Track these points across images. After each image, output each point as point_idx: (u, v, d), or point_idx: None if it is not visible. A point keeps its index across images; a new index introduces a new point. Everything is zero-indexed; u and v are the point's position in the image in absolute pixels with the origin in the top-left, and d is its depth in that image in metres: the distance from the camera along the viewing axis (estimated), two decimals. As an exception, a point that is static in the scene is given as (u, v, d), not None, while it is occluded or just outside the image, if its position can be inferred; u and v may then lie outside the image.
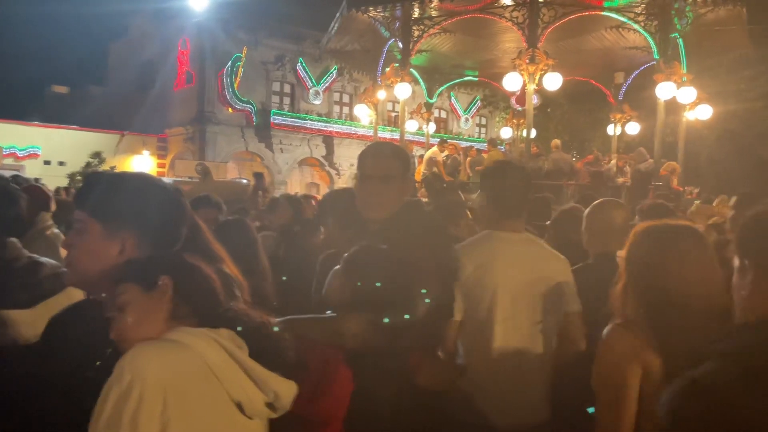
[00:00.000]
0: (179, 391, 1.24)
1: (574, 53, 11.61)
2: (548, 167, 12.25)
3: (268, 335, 1.44)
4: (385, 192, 2.22)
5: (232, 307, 1.44)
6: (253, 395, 1.34)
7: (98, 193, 1.54)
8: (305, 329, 1.84)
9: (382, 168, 2.24)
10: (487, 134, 31.14)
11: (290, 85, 27.76)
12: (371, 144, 2.52)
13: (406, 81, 10.55)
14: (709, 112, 11.74)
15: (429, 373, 1.99)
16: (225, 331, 1.36)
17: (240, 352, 1.35)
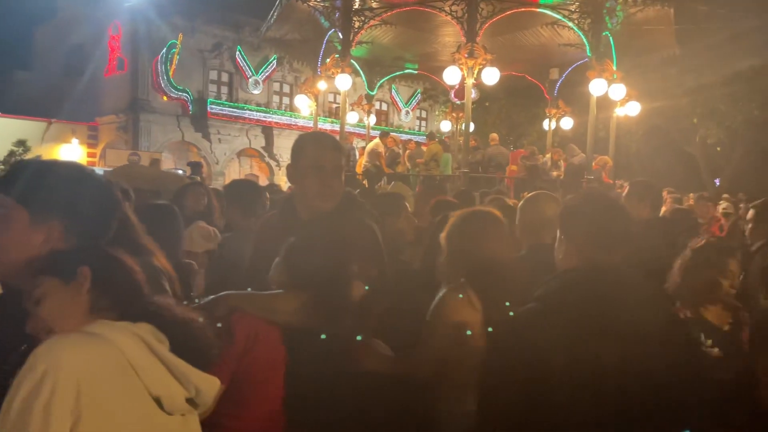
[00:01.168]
0: (94, 384, 1.20)
1: (511, 49, 11.83)
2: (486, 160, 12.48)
3: (192, 330, 1.40)
4: (337, 183, 2.32)
5: (155, 301, 1.40)
6: (174, 390, 1.31)
7: (26, 179, 1.47)
8: (243, 302, 1.85)
9: (335, 159, 2.32)
10: (427, 127, 31.38)
11: (228, 74, 27.16)
12: (314, 135, 2.56)
13: (346, 72, 10.49)
14: (638, 109, 12.21)
15: (367, 357, 2.03)
16: (146, 325, 1.33)
17: (160, 346, 1.31)
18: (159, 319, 1.36)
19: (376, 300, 2.13)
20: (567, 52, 11.79)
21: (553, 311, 1.74)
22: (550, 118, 14.15)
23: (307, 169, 2.31)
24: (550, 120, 14.19)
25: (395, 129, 29.92)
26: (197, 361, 1.36)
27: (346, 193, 2.39)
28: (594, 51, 9.94)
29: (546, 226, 2.89)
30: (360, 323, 1.98)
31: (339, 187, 2.33)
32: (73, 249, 1.42)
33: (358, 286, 2.00)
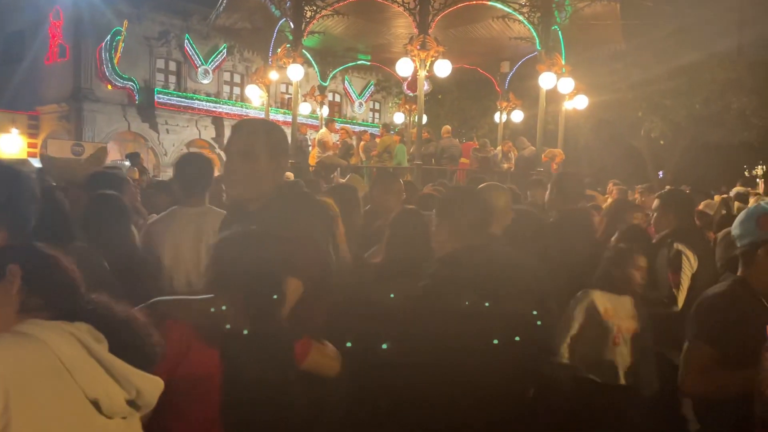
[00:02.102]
0: (24, 387, 1.14)
1: (463, 41, 11.91)
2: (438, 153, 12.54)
3: (133, 329, 1.35)
4: (244, 169, 2.12)
5: (93, 299, 1.33)
6: (112, 392, 1.25)
7: None
8: (174, 309, 1.79)
9: (242, 143, 2.15)
10: (380, 119, 31.39)
11: (176, 63, 26.47)
12: (241, 120, 2.44)
13: (298, 62, 10.37)
14: (586, 103, 12.49)
15: (314, 359, 1.97)
16: (83, 324, 1.26)
17: (98, 346, 1.25)
18: (97, 318, 1.29)
19: (320, 297, 2.08)
20: (517, 45, 11.94)
21: (431, 287, 2.27)
22: (501, 111, 14.32)
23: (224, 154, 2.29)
24: (501, 113, 14.36)
25: (348, 120, 29.83)
26: (139, 361, 1.31)
27: (290, 183, 2.30)
28: (543, 45, 10.10)
29: (496, 217, 2.92)
30: (298, 323, 1.92)
31: (250, 173, 2.13)
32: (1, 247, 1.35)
33: (294, 285, 1.92)
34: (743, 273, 2.28)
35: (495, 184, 3.21)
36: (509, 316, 2.29)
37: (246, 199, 2.20)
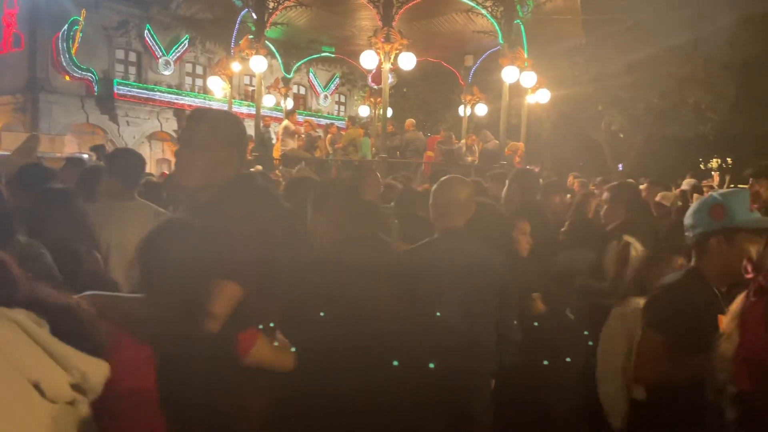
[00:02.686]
0: None
1: (427, 35, 11.93)
2: (403, 146, 12.57)
3: (75, 315, 1.32)
4: (194, 158, 2.07)
5: (32, 287, 1.30)
6: (54, 375, 1.22)
7: None
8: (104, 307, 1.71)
9: (193, 132, 2.10)
10: (346, 112, 31.25)
11: (137, 54, 25.86)
12: (194, 108, 2.36)
13: (261, 54, 10.24)
14: (548, 96, 12.65)
15: (259, 353, 1.93)
16: (21, 310, 1.23)
17: (38, 329, 1.22)
18: (37, 304, 1.26)
19: (271, 294, 2.04)
20: (481, 39, 12.02)
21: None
22: (465, 105, 14.40)
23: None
24: (465, 106, 14.44)
25: (314, 113, 29.60)
26: (83, 346, 1.28)
27: (244, 176, 2.17)
28: (506, 39, 10.19)
29: (459, 210, 2.95)
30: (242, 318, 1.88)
31: (196, 162, 2.07)
32: None
33: (230, 287, 1.84)
34: (696, 263, 2.34)
35: (457, 176, 3.23)
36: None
37: (196, 190, 2.13)
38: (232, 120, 2.22)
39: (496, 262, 2.93)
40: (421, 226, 3.15)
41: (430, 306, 2.72)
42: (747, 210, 2.25)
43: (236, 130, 2.18)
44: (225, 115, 2.27)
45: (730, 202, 2.25)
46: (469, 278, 2.79)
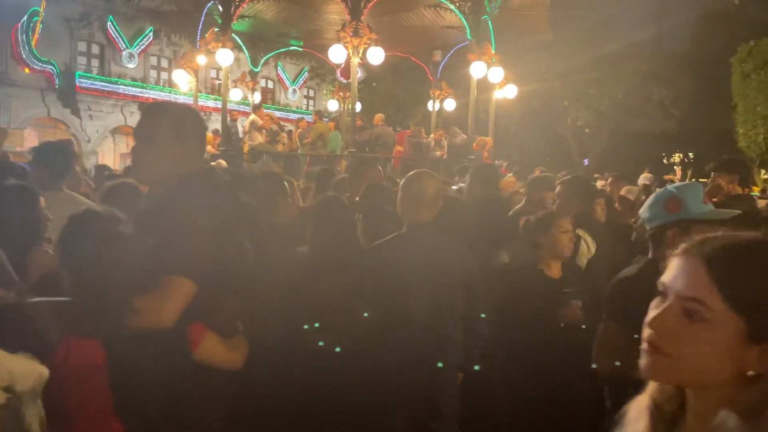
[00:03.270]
0: None
1: (396, 29, 11.92)
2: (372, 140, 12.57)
3: (22, 316, 1.28)
4: (149, 153, 2.03)
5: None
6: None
7: None
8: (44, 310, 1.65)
9: (147, 127, 2.05)
10: (315, 106, 31.05)
11: (99, 46, 25.26)
12: (150, 102, 2.31)
13: (227, 47, 10.11)
14: (515, 92, 12.77)
15: (207, 349, 1.89)
16: None
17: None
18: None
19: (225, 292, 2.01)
20: (449, 34, 12.07)
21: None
22: (434, 100, 14.45)
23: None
24: (434, 101, 14.49)
25: (282, 107, 29.38)
26: (31, 347, 1.24)
27: (202, 170, 2.13)
28: (474, 34, 10.24)
29: (426, 204, 2.95)
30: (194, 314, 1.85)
31: (151, 158, 2.02)
32: None
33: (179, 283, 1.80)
34: (653, 255, 2.39)
35: (426, 171, 3.24)
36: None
37: (153, 185, 2.10)
38: (188, 113, 2.17)
39: (464, 256, 2.94)
40: (387, 220, 3.15)
41: (397, 300, 2.73)
42: (701, 202, 2.30)
43: (193, 124, 2.14)
44: (181, 108, 2.21)
45: (685, 195, 2.31)
46: (437, 272, 2.80)
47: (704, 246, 0.93)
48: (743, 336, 0.87)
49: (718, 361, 0.89)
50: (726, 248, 0.91)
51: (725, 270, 0.89)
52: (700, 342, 0.89)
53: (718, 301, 0.88)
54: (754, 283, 0.87)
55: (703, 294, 0.89)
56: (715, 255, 0.91)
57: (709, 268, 0.90)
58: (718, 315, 0.88)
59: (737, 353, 0.87)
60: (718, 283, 0.88)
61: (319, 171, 5.38)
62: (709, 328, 0.89)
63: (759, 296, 0.87)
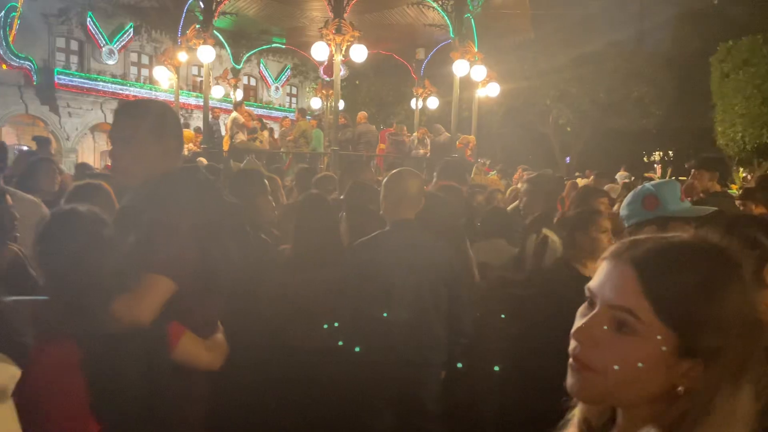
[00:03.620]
0: None
1: (379, 27, 11.91)
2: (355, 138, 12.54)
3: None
4: (127, 155, 2.00)
5: None
6: None
7: None
8: (18, 309, 1.64)
9: (123, 128, 2.02)
10: (297, 104, 30.92)
11: (78, 42, 24.90)
12: (124, 102, 2.26)
13: (209, 44, 10.02)
14: (498, 90, 12.81)
15: (185, 348, 1.87)
16: None
17: None
18: None
19: (205, 291, 1.99)
20: (432, 32, 12.07)
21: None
22: (417, 98, 14.47)
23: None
24: (417, 99, 14.50)
25: (265, 105, 29.22)
26: (4, 347, 1.22)
27: (182, 169, 2.10)
28: (457, 32, 10.26)
29: (409, 202, 2.95)
30: (173, 313, 1.83)
31: (130, 159, 2.00)
32: None
33: (158, 281, 1.79)
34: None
35: (408, 169, 3.24)
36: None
37: (134, 185, 2.06)
38: (164, 111, 2.13)
39: (447, 253, 2.95)
40: (370, 218, 3.14)
41: (381, 298, 2.72)
42: (678, 200, 2.33)
43: (170, 121, 2.11)
44: (156, 106, 2.16)
45: (662, 193, 2.33)
46: (421, 269, 2.80)
47: (634, 250, 0.84)
48: (675, 350, 0.80)
49: (648, 378, 0.81)
50: (658, 253, 0.83)
51: (656, 278, 0.81)
52: (630, 356, 0.81)
53: (648, 312, 0.80)
54: (687, 294, 0.79)
55: (632, 303, 0.81)
56: (645, 260, 0.82)
57: (639, 274, 0.82)
58: (649, 328, 0.80)
59: (668, 369, 0.80)
60: (650, 293, 0.81)
61: (299, 170, 5.35)
62: (639, 342, 0.81)
63: (692, 307, 0.79)
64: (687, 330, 0.79)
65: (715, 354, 0.78)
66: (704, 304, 0.79)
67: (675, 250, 0.83)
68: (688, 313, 0.79)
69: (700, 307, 0.79)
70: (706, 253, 0.83)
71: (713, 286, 0.79)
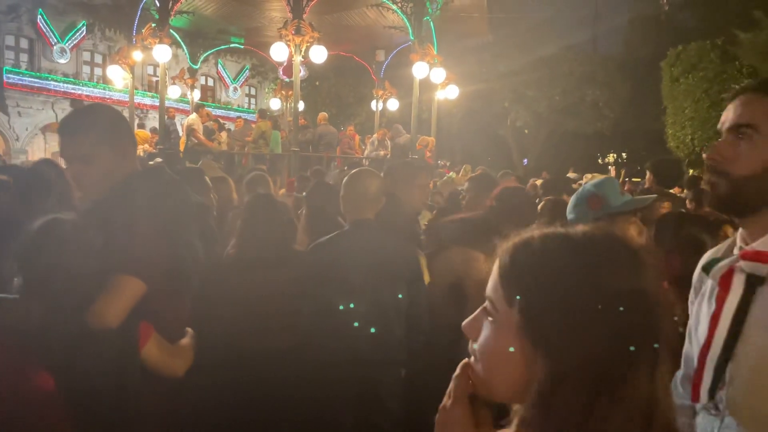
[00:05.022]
0: None
1: (338, 28, 11.92)
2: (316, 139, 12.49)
3: None
4: (88, 173, 1.96)
5: None
6: None
7: None
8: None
9: (76, 147, 1.97)
10: (257, 104, 30.62)
11: (28, 40, 24.12)
12: (67, 116, 2.13)
13: (165, 43, 9.85)
14: (457, 92, 12.96)
15: (151, 351, 1.86)
16: None
17: None
18: None
19: (175, 292, 2.00)
20: (392, 34, 12.14)
21: None
22: (377, 99, 14.51)
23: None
24: (377, 101, 14.55)
25: (223, 105, 28.83)
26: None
27: (145, 172, 2.11)
28: (416, 35, 10.34)
29: (368, 202, 2.96)
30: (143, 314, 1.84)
31: (93, 176, 1.97)
32: None
33: (129, 282, 1.80)
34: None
35: (368, 169, 3.24)
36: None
37: (98, 196, 2.03)
38: (110, 117, 2.07)
39: (406, 252, 2.96)
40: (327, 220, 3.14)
41: (340, 297, 2.72)
42: (619, 194, 2.40)
43: (119, 126, 2.06)
44: (101, 114, 2.08)
45: (603, 191, 2.40)
46: (380, 268, 2.81)
47: (503, 247, 0.86)
48: (524, 342, 0.79)
49: (508, 367, 0.81)
50: (518, 245, 0.84)
51: (507, 267, 0.83)
52: (492, 345, 0.83)
53: (502, 301, 0.82)
54: (529, 278, 0.80)
55: (492, 292, 0.84)
56: (503, 254, 0.85)
57: (500, 265, 0.85)
58: (504, 315, 0.81)
59: (526, 359, 0.78)
60: (502, 281, 0.83)
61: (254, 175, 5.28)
62: (498, 330, 0.82)
63: (535, 295, 0.78)
64: (530, 315, 0.78)
65: (561, 343, 0.76)
66: (549, 294, 0.77)
67: (526, 241, 0.84)
68: (530, 300, 0.78)
69: (545, 296, 0.77)
70: (572, 244, 0.81)
71: (565, 277, 0.78)
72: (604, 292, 0.76)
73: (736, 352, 1.20)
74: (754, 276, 1.21)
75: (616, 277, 0.77)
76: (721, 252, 1.37)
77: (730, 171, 1.26)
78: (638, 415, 0.75)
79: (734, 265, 1.25)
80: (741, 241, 1.31)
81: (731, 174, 1.26)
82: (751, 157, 1.24)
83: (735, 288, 1.23)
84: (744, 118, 1.26)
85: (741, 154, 1.25)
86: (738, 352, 1.20)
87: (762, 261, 1.20)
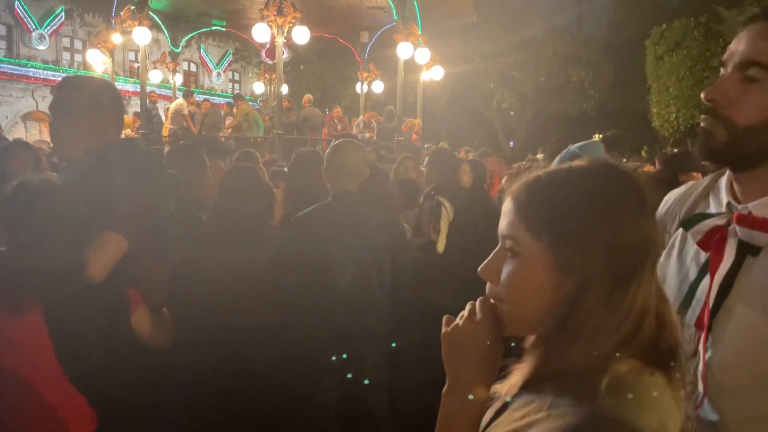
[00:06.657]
0: None
1: (321, 9, 11.75)
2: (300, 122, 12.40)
3: None
4: (67, 127, 2.05)
5: None
6: None
7: None
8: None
9: (63, 101, 2.07)
10: (241, 89, 30.31)
11: (6, 27, 23.67)
12: (67, 76, 2.30)
13: (144, 25, 9.70)
14: (442, 73, 12.88)
15: (138, 321, 1.92)
16: None
17: None
18: None
19: (154, 256, 2.04)
20: (376, 15, 12.01)
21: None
22: (362, 81, 14.39)
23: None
24: (362, 83, 14.43)
25: (207, 91, 28.53)
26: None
27: (124, 141, 2.18)
28: (400, 14, 10.24)
29: (351, 173, 2.92)
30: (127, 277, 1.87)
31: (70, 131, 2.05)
32: None
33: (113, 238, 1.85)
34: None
35: (350, 140, 3.20)
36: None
37: (74, 158, 2.10)
38: (103, 86, 2.18)
39: (389, 223, 2.94)
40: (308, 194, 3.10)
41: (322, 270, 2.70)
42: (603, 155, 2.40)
43: (110, 97, 2.15)
44: (96, 81, 2.23)
45: (588, 152, 2.39)
46: (363, 240, 2.78)
47: (517, 184, 0.91)
48: (552, 267, 0.83)
49: (536, 296, 0.85)
50: (530, 182, 0.89)
51: (526, 202, 0.87)
52: (518, 277, 0.87)
53: (525, 234, 0.86)
54: (553, 210, 0.84)
55: (513, 230, 0.87)
56: (519, 190, 0.89)
57: (515, 203, 0.88)
58: (528, 248, 0.85)
59: (553, 287, 0.83)
60: (522, 215, 0.87)
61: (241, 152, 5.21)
62: (523, 262, 0.86)
63: (557, 223, 0.83)
64: (555, 245, 0.83)
65: (585, 270, 0.81)
66: (569, 219, 0.83)
67: (543, 178, 0.89)
68: (552, 228, 0.84)
69: (566, 222, 0.83)
70: (577, 174, 0.88)
71: (579, 202, 0.83)
72: (614, 207, 0.83)
73: (714, 326, 1.07)
74: (747, 244, 1.06)
75: (622, 193, 0.84)
76: (695, 198, 1.24)
77: (733, 117, 1.06)
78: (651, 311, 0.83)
79: (727, 227, 1.09)
80: (728, 194, 1.15)
81: (733, 121, 1.06)
82: (762, 103, 1.03)
83: (727, 255, 1.07)
84: (758, 54, 1.04)
85: (748, 98, 1.05)
86: (716, 327, 1.07)
87: (760, 229, 1.03)
